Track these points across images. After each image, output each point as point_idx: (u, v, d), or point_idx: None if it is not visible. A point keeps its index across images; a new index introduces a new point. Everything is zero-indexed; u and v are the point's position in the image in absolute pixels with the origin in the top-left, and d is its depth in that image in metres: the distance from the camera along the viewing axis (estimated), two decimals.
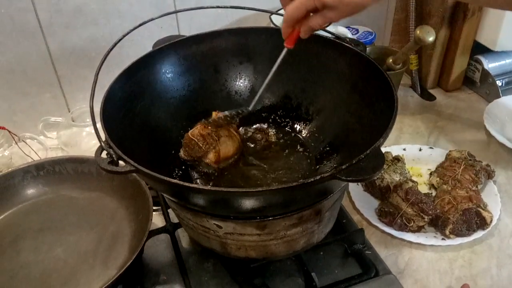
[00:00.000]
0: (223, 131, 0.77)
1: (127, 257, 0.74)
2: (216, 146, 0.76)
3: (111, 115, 0.67)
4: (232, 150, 0.78)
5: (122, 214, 0.81)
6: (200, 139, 0.75)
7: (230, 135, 0.78)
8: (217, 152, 0.76)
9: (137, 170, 0.57)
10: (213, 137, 0.76)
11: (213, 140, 0.76)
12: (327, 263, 0.77)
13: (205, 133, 0.76)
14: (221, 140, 0.76)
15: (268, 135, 0.86)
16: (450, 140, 1.04)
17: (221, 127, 0.77)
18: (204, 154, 0.76)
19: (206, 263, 0.78)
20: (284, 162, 0.81)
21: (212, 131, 0.76)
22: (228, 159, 0.79)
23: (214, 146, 0.76)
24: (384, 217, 0.83)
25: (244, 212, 0.62)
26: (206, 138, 0.75)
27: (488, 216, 0.80)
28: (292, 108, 0.87)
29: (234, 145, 0.78)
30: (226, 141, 0.77)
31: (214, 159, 0.76)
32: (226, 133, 0.78)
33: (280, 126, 0.87)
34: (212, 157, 0.76)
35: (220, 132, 0.77)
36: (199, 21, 1.07)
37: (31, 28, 0.94)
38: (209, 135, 0.76)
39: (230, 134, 0.78)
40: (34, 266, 0.74)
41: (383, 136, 0.59)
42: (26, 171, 0.84)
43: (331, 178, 0.55)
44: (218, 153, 0.76)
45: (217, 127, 0.77)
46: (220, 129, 0.77)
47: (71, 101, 1.06)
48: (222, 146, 0.76)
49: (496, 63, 1.14)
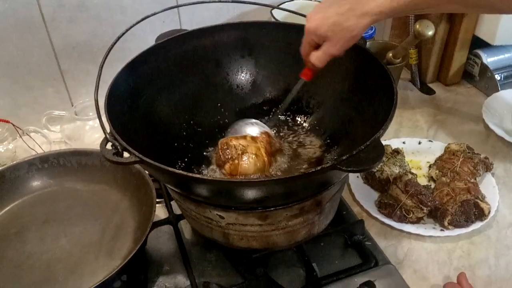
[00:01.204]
0: (253, 149, 0.75)
1: (131, 248, 0.75)
2: (235, 160, 0.74)
3: (115, 108, 0.68)
4: (251, 170, 0.74)
5: (126, 206, 0.82)
6: (223, 148, 0.75)
7: (257, 154, 0.75)
8: (234, 166, 0.74)
9: (142, 161, 0.58)
10: (236, 150, 0.74)
11: (235, 154, 0.74)
12: (327, 254, 0.78)
13: (232, 144, 0.75)
14: (243, 155, 0.74)
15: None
16: (449, 133, 1.05)
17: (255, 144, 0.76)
18: (222, 163, 0.75)
19: (209, 254, 0.79)
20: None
21: (240, 145, 0.75)
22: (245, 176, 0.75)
23: (233, 160, 0.74)
24: (384, 208, 0.84)
25: (246, 203, 0.63)
26: (229, 148, 0.74)
27: (486, 208, 0.81)
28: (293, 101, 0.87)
29: (255, 166, 0.75)
30: (249, 159, 0.74)
31: (228, 171, 0.75)
32: (254, 151, 0.75)
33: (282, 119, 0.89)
34: (227, 168, 0.75)
35: (248, 149, 0.74)
36: (200, 15, 1.08)
37: (35, 22, 0.95)
38: (234, 147, 0.74)
39: (258, 154, 0.75)
40: (39, 257, 0.75)
41: (383, 127, 0.60)
42: (30, 164, 0.85)
43: (332, 169, 0.56)
44: (235, 167, 0.74)
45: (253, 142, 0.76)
46: (251, 146, 0.75)
47: (74, 95, 1.07)
48: (242, 162, 0.74)
49: (495, 57, 1.15)
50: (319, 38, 0.67)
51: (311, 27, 0.66)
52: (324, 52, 0.68)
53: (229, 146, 0.75)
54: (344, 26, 0.64)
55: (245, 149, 0.74)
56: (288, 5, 1.12)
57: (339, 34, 0.65)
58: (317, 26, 0.65)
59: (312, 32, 0.67)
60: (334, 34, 0.65)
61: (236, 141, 0.75)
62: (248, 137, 0.77)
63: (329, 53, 0.68)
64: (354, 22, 0.63)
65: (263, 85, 0.89)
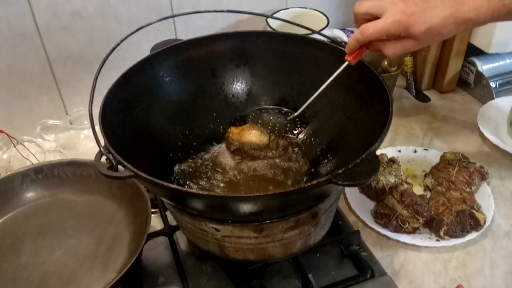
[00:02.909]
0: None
1: (126, 260, 0.75)
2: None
3: (109, 119, 0.68)
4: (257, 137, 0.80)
5: (121, 217, 0.82)
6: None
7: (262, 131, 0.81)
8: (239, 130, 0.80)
9: (136, 175, 0.58)
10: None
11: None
12: (323, 265, 0.78)
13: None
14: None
15: None
16: (444, 142, 1.05)
17: None
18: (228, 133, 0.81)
19: (204, 265, 0.79)
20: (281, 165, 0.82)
21: None
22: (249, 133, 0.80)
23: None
24: (380, 218, 0.84)
25: (242, 216, 0.63)
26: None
27: (482, 218, 0.81)
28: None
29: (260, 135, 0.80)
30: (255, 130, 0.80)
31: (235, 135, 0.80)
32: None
33: None
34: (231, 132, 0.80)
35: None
36: (196, 24, 1.07)
37: (29, 31, 0.94)
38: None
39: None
40: (34, 269, 0.75)
41: (378, 140, 0.60)
42: (25, 175, 0.85)
43: (327, 183, 0.56)
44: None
45: None
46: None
47: (69, 104, 1.07)
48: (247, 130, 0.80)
49: (490, 65, 1.16)
50: (406, 34, 0.63)
51: (404, 21, 0.63)
52: (404, 47, 0.65)
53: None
54: (440, 32, 0.62)
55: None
56: (282, 13, 1.12)
57: (431, 38, 0.63)
58: (412, 24, 0.62)
59: (404, 27, 0.63)
60: (426, 37, 0.63)
61: None
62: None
63: (409, 50, 0.66)
64: (452, 29, 0.62)
65: (258, 95, 0.89)
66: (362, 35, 0.66)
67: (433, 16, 0.62)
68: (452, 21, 0.62)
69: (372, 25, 0.65)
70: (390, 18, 0.63)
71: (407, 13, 0.63)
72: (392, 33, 0.64)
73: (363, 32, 0.66)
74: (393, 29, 0.64)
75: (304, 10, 1.14)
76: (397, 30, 0.63)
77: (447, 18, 0.62)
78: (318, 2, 1.17)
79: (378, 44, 0.67)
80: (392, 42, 0.66)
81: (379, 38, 0.66)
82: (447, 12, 0.62)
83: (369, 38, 0.66)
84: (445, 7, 0.62)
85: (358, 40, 0.67)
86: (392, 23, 0.63)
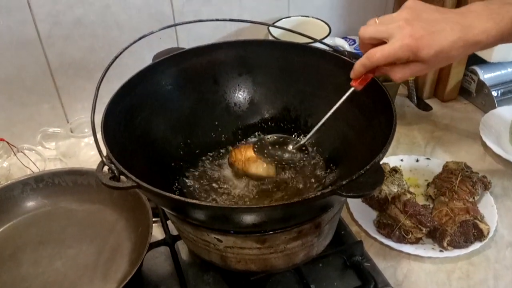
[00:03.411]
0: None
1: (127, 270, 0.74)
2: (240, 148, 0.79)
3: (111, 128, 0.67)
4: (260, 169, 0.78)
5: (122, 227, 0.81)
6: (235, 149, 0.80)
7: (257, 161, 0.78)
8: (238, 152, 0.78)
9: (139, 186, 0.57)
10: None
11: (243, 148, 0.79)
12: (326, 275, 0.77)
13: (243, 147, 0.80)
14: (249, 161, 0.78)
15: None
16: (446, 151, 1.05)
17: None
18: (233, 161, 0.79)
19: (206, 276, 0.78)
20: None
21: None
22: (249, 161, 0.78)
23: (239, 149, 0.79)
24: (383, 228, 0.83)
25: (245, 227, 0.62)
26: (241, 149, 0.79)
27: (485, 228, 0.81)
28: (291, 120, 0.88)
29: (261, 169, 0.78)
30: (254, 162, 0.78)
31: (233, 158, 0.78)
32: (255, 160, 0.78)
33: None
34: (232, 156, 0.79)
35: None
36: (197, 32, 1.07)
37: (30, 39, 0.94)
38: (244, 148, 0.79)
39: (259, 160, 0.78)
40: (34, 279, 0.74)
41: (382, 151, 0.60)
42: (25, 184, 0.84)
43: (331, 194, 0.56)
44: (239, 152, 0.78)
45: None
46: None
47: (70, 111, 1.06)
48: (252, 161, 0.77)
49: (491, 73, 1.15)
50: (414, 58, 0.62)
51: (413, 45, 0.61)
52: (412, 71, 0.64)
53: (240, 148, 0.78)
54: (449, 55, 0.62)
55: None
56: (284, 22, 1.12)
57: (439, 61, 0.62)
58: (420, 48, 0.61)
59: (412, 51, 0.62)
60: (434, 60, 0.62)
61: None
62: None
63: (417, 74, 0.65)
64: (461, 52, 0.61)
65: (260, 104, 0.88)
66: (369, 60, 0.65)
67: (442, 40, 0.61)
68: (461, 45, 0.61)
69: (380, 50, 0.63)
70: (398, 42, 0.62)
71: (415, 36, 0.61)
72: (401, 57, 0.63)
73: (370, 57, 0.64)
74: (401, 53, 0.62)
75: (306, 18, 1.14)
76: (405, 54, 0.62)
77: (456, 41, 0.61)
78: (320, 10, 1.17)
79: (385, 69, 0.66)
80: (400, 66, 0.65)
81: (387, 62, 0.64)
82: (455, 35, 0.61)
83: (377, 63, 0.65)
84: (453, 31, 0.62)
85: (365, 65, 0.66)
86: (401, 47, 0.62)
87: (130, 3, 0.98)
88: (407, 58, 0.63)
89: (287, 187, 0.78)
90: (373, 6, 1.24)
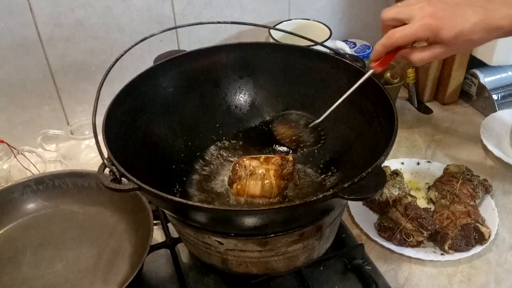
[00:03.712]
0: (262, 170, 0.74)
1: (128, 273, 0.74)
2: (243, 180, 0.74)
3: (112, 130, 0.67)
4: (258, 191, 0.74)
5: (122, 229, 0.81)
6: (234, 168, 0.75)
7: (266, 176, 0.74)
8: (241, 186, 0.74)
9: (140, 188, 0.57)
10: (246, 170, 0.74)
11: (244, 174, 0.74)
12: (327, 278, 0.77)
13: (243, 164, 0.75)
14: (252, 176, 0.74)
15: None
16: (447, 154, 1.05)
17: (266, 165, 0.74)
18: (231, 183, 0.76)
19: (206, 279, 0.78)
20: None
21: (250, 165, 0.74)
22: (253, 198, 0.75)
23: (241, 180, 0.74)
24: (384, 231, 0.83)
25: (246, 230, 0.62)
26: (240, 168, 0.74)
27: (487, 232, 0.81)
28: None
29: (262, 188, 0.74)
30: (257, 181, 0.73)
31: (235, 191, 0.75)
32: (264, 172, 0.74)
33: None
34: (234, 188, 0.75)
35: (258, 170, 0.74)
36: (198, 35, 1.07)
37: (31, 41, 0.94)
38: (244, 168, 0.74)
39: (266, 176, 0.74)
40: (34, 282, 0.74)
41: (384, 154, 0.60)
42: (25, 186, 0.84)
43: (333, 197, 0.56)
44: (242, 187, 0.74)
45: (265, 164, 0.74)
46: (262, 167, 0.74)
47: (70, 113, 1.06)
48: (249, 183, 0.73)
49: (492, 77, 1.16)
50: (434, 39, 0.61)
51: (433, 25, 0.61)
52: (432, 54, 0.63)
53: (239, 166, 0.75)
54: (469, 38, 0.60)
55: (254, 170, 0.74)
56: (285, 25, 1.12)
57: (461, 44, 0.61)
58: (441, 28, 0.60)
59: (432, 31, 0.61)
60: (455, 42, 0.61)
61: (248, 161, 0.75)
62: (262, 158, 0.76)
63: (437, 58, 0.64)
64: (482, 36, 0.60)
65: (261, 106, 0.88)
66: (389, 40, 0.64)
67: (463, 21, 0.60)
68: (482, 27, 0.60)
69: (400, 30, 0.63)
70: (418, 22, 0.62)
71: (436, 16, 0.61)
72: (420, 37, 0.62)
73: (390, 37, 0.64)
74: (421, 33, 0.62)
75: (307, 21, 1.14)
76: (425, 34, 0.62)
77: (478, 24, 0.60)
78: (320, 14, 1.17)
79: (405, 52, 0.65)
80: (420, 49, 0.64)
81: (406, 42, 0.64)
82: (477, 18, 0.60)
83: (396, 43, 0.64)
84: (476, 13, 0.61)
85: (384, 45, 0.65)
86: (421, 26, 0.61)
87: (131, 6, 0.98)
88: (427, 38, 0.62)
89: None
90: (373, 9, 1.24)
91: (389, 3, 1.25)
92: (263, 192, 0.74)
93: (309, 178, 0.81)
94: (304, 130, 0.78)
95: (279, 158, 0.76)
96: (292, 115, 0.78)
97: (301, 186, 0.79)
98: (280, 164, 0.75)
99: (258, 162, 0.75)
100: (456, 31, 0.61)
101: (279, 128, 0.77)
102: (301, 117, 0.78)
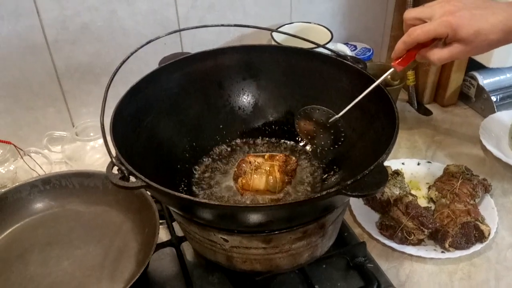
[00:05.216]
0: (267, 166, 0.77)
1: (134, 271, 0.75)
2: (248, 175, 0.77)
3: (120, 130, 0.68)
4: (262, 186, 0.76)
5: (128, 228, 0.83)
6: (240, 164, 0.78)
7: (270, 172, 0.77)
8: (246, 181, 0.77)
9: (149, 186, 0.58)
10: (251, 165, 0.77)
11: (249, 169, 0.77)
12: (330, 276, 0.78)
13: (248, 160, 0.78)
14: (257, 172, 0.76)
15: None
16: (447, 155, 1.06)
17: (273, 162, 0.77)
18: (236, 178, 0.78)
19: (211, 276, 0.79)
20: None
21: (255, 161, 0.77)
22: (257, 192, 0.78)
23: (246, 174, 0.77)
24: (385, 230, 0.85)
25: (251, 227, 0.63)
26: (245, 164, 0.78)
27: (486, 230, 0.82)
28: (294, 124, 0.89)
29: (267, 183, 0.77)
30: (261, 176, 0.77)
31: (240, 185, 0.77)
32: (268, 168, 0.77)
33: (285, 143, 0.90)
34: (240, 182, 0.77)
35: (262, 166, 0.77)
36: (202, 37, 1.09)
37: (38, 44, 0.95)
38: (249, 163, 0.77)
39: (271, 171, 0.77)
40: (41, 280, 0.75)
41: (386, 152, 0.61)
42: (32, 186, 0.85)
43: (337, 194, 0.57)
44: (247, 182, 0.76)
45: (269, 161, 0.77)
46: (266, 163, 0.77)
47: (75, 115, 1.07)
48: (254, 177, 0.76)
49: (490, 79, 1.17)
50: (453, 37, 0.63)
51: (452, 22, 0.62)
52: (451, 54, 0.64)
53: (245, 162, 0.77)
54: (487, 38, 0.62)
55: (259, 165, 0.76)
56: (287, 28, 1.13)
57: (479, 44, 0.62)
58: (459, 25, 0.62)
59: (451, 27, 0.62)
60: (473, 41, 0.62)
61: (253, 158, 0.77)
62: (267, 155, 0.78)
63: (455, 57, 0.65)
64: (500, 37, 0.62)
65: (264, 107, 0.90)
66: (410, 37, 0.66)
67: (482, 20, 0.62)
68: (500, 28, 0.62)
69: (420, 27, 0.65)
70: (439, 19, 0.64)
71: (455, 15, 0.63)
72: (440, 33, 0.64)
73: (411, 33, 0.66)
74: (440, 29, 0.63)
75: (308, 24, 1.15)
76: (444, 31, 0.63)
77: (497, 24, 0.62)
78: (321, 17, 1.19)
79: (425, 51, 0.67)
80: (439, 48, 0.65)
81: (426, 39, 0.65)
82: (497, 19, 0.62)
83: (417, 39, 0.65)
84: (495, 14, 0.62)
85: (405, 42, 0.67)
86: (440, 23, 0.63)
87: (136, 9, 1.00)
88: (446, 34, 0.63)
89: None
90: (373, 13, 1.26)
91: (389, 7, 1.27)
92: (268, 187, 0.76)
93: (312, 177, 0.82)
94: (325, 128, 0.80)
95: (283, 155, 0.78)
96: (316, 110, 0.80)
97: (305, 184, 0.80)
98: (284, 160, 0.77)
99: (263, 159, 0.77)
100: (474, 29, 0.62)
101: (301, 123, 0.80)
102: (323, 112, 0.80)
